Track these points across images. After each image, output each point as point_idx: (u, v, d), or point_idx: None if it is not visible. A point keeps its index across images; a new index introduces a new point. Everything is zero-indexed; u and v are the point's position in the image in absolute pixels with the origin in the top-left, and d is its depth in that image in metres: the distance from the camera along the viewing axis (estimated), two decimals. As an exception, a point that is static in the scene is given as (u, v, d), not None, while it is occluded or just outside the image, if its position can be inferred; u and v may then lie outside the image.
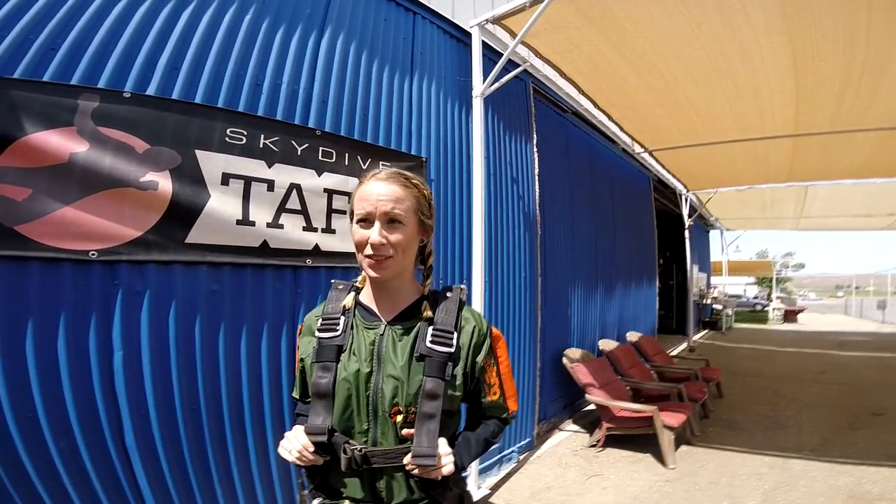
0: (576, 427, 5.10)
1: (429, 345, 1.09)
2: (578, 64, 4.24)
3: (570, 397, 5.37)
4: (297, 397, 1.28)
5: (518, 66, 3.85)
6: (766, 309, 21.35)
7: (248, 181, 2.31)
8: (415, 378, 1.07)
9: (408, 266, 1.16)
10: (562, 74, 4.47)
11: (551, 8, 3.11)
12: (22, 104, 1.71)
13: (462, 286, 1.22)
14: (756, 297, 27.32)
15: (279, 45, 2.59)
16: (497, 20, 3.60)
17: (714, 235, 17.39)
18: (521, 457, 4.17)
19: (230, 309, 2.27)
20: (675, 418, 4.10)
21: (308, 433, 1.07)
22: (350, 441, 1.07)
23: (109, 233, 1.88)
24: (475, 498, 3.32)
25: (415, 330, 1.12)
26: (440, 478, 1.05)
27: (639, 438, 4.33)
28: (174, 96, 2.13)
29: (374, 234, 1.06)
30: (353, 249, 1.12)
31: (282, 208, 2.45)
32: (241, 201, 2.28)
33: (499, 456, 3.89)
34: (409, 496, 1.09)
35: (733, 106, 4.86)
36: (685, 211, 10.00)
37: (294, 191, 2.50)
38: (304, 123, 2.64)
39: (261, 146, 2.38)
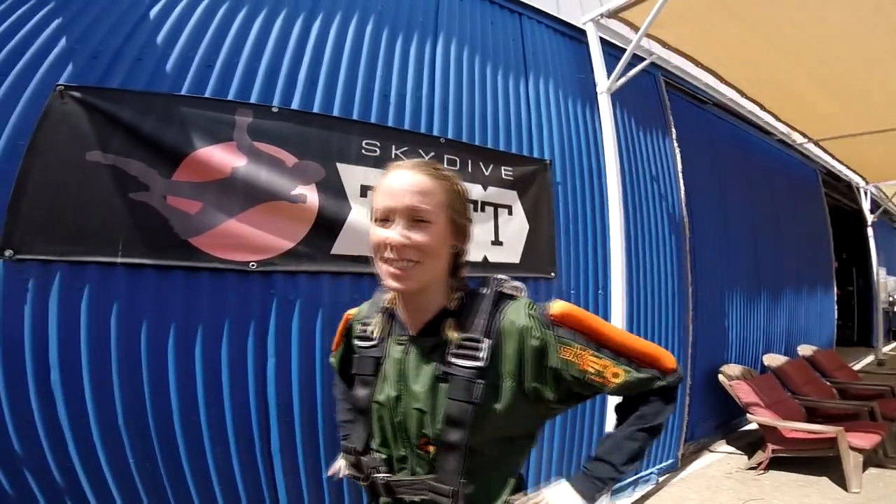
0: (730, 448, 4.54)
1: (450, 360, 0.89)
2: (715, 52, 3.91)
3: (724, 416, 4.78)
4: (332, 363, 1.29)
5: (643, 59, 3.61)
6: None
7: (383, 192, 2.38)
8: (439, 402, 0.90)
9: (437, 276, 0.94)
10: (698, 64, 4.12)
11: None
12: (190, 120, 1.92)
13: (500, 277, 0.98)
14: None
15: (400, 55, 2.68)
16: (612, 14, 3.44)
17: (906, 233, 14.68)
18: (662, 479, 3.74)
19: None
20: (866, 439, 3.55)
21: (344, 452, 1.05)
22: (378, 468, 0.97)
23: (266, 244, 2.03)
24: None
25: (440, 346, 0.92)
26: None
27: (810, 461, 3.78)
28: (315, 110, 2.28)
29: (395, 232, 0.87)
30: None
31: (414, 219, 2.48)
32: (377, 213, 2.35)
33: (635, 476, 3.51)
34: None
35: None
36: (866, 206, 8.55)
37: (424, 200, 2.52)
38: (428, 132, 2.68)
39: (392, 157, 2.44)
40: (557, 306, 0.93)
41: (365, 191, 2.32)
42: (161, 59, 1.96)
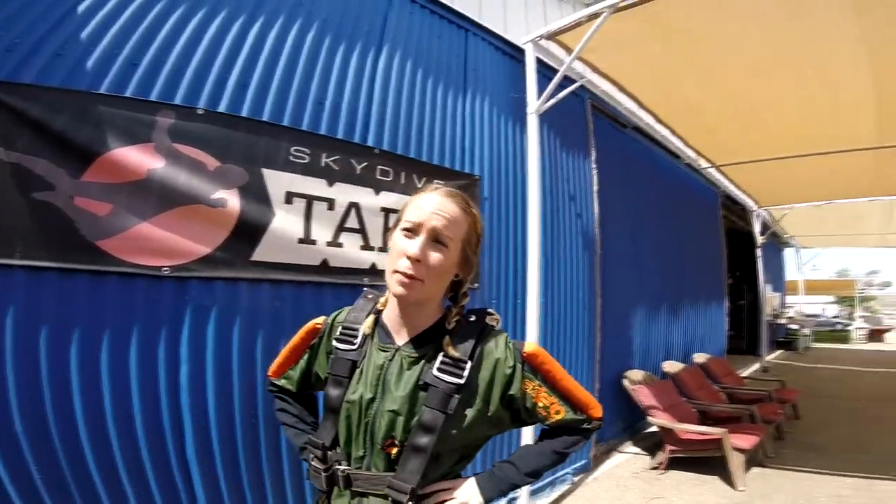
0: (636, 449, 4.91)
1: (435, 373, 0.99)
2: (638, 78, 4.15)
3: (630, 419, 5.16)
4: (282, 385, 1.26)
5: (574, 81, 3.80)
6: (847, 328, 20.03)
7: (310, 200, 2.36)
8: (415, 409, 0.99)
9: (436, 296, 1.06)
10: (621, 89, 4.38)
11: (608, 23, 3.06)
12: (106, 120, 1.81)
13: (491, 311, 1.11)
14: (836, 317, 25.45)
15: (340, 63, 2.66)
16: (551, 36, 3.56)
17: (789, 254, 16.45)
18: (577, 479, 4.00)
19: (290, 326, 2.28)
20: (746, 440, 3.94)
21: (310, 444, 1.09)
22: (341, 462, 1.04)
23: (181, 249, 1.95)
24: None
25: (425, 357, 1.03)
26: None
27: (705, 461, 4.14)
28: (243, 114, 2.21)
29: (415, 247, 0.97)
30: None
31: (341, 227, 2.48)
32: (303, 220, 2.33)
33: (552, 478, 3.74)
34: None
35: (809, 118, 4.59)
36: (756, 228, 9.49)
37: (353, 209, 2.53)
38: (363, 142, 2.68)
39: (322, 165, 2.43)
40: (530, 346, 1.09)
41: (291, 197, 2.29)
42: (83, 56, 1.83)
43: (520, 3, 4.14)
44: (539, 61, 3.69)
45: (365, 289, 1.20)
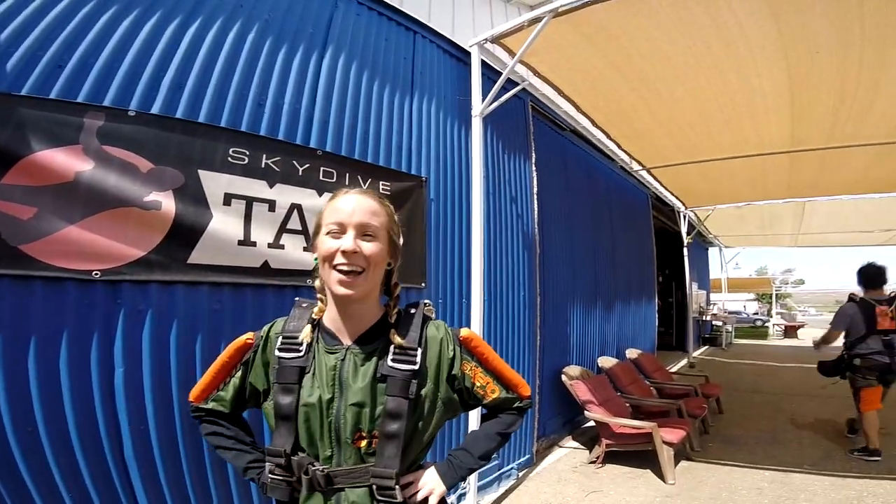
0: (575, 444, 5.07)
1: (390, 364, 1.05)
2: (576, 82, 4.29)
3: (570, 414, 5.35)
4: (208, 407, 1.20)
5: (517, 84, 3.91)
6: (766, 325, 21.40)
7: (249, 201, 2.33)
8: (378, 400, 1.04)
9: (375, 287, 1.11)
10: (560, 93, 4.52)
11: (549, 27, 3.17)
12: (29, 122, 1.73)
13: (427, 302, 1.19)
14: (756, 314, 27.32)
15: (282, 64, 2.63)
16: (496, 39, 3.63)
17: (713, 253, 17.41)
18: (521, 473, 4.14)
19: (231, 328, 2.27)
20: (674, 434, 4.10)
21: (269, 454, 1.08)
22: (314, 462, 1.05)
23: (113, 253, 1.89)
24: (475, 517, 3.29)
25: (377, 352, 1.08)
26: None
27: (639, 455, 4.31)
28: (178, 115, 2.16)
29: (348, 240, 1.02)
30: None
31: (283, 229, 2.46)
32: (242, 222, 2.30)
33: (498, 473, 3.86)
34: None
35: (730, 123, 4.92)
36: (684, 228, 10.03)
37: (295, 211, 2.52)
38: (305, 143, 2.66)
39: (262, 166, 2.40)
40: (465, 331, 1.18)
41: (229, 199, 2.26)
42: (1, 57, 1.73)
43: (467, 5, 4.21)
44: (484, 64, 3.76)
45: (297, 298, 1.21)
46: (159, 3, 2.19)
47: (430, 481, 1.11)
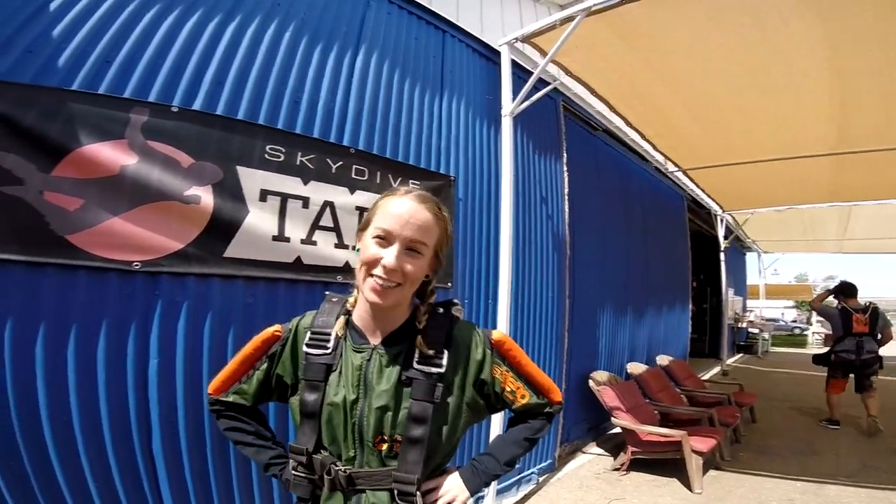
0: (599, 450, 4.99)
1: (416, 366, 1.03)
2: (610, 82, 4.23)
3: (595, 420, 5.26)
4: (229, 400, 1.18)
5: (547, 84, 3.87)
6: (804, 333, 20.64)
7: (284, 198, 2.37)
8: (402, 404, 1.02)
9: (408, 297, 1.08)
10: (593, 92, 4.45)
11: (582, 26, 3.13)
12: (79, 116, 1.80)
13: (456, 301, 1.15)
14: (794, 321, 26.38)
15: (317, 63, 2.67)
16: (526, 39, 3.59)
17: (751, 258, 16.91)
18: (542, 478, 4.08)
19: (263, 322, 2.29)
20: (704, 443, 4.01)
21: (292, 452, 1.07)
22: (336, 462, 1.04)
23: (153, 245, 1.96)
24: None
25: (403, 354, 1.06)
26: None
27: (665, 463, 4.22)
28: (218, 112, 2.22)
29: (391, 256, 0.98)
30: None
31: (315, 225, 2.50)
32: (277, 217, 2.34)
33: (517, 477, 3.82)
34: None
35: (772, 123, 4.75)
36: (721, 232, 9.73)
37: (328, 208, 2.55)
38: (338, 141, 2.70)
39: (297, 163, 2.44)
40: (497, 334, 1.15)
41: (265, 195, 2.30)
42: (54, 53, 1.81)
43: (496, 4, 4.19)
44: (514, 63, 3.74)
45: (327, 293, 1.19)
46: (200, 2, 2.25)
47: (453, 487, 1.09)
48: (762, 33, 3.27)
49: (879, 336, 5.86)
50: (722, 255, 10.16)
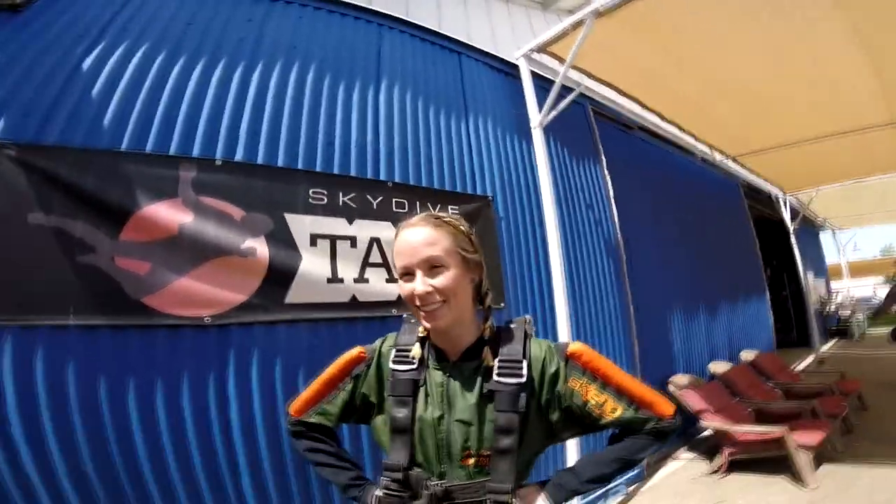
0: (691, 455, 4.67)
1: (496, 379, 1.03)
2: (635, 79, 4.18)
3: (682, 425, 4.94)
4: (312, 421, 1.18)
5: (572, 90, 3.86)
6: (902, 309, 18.83)
7: (333, 240, 2.47)
8: (486, 418, 1.02)
9: (464, 310, 1.07)
10: (620, 92, 4.42)
11: (596, 28, 3.13)
12: (133, 177, 1.95)
13: (527, 317, 1.14)
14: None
15: (343, 101, 2.79)
16: (541, 48, 3.61)
17: (826, 237, 15.81)
18: (630, 489, 3.85)
19: (328, 360, 2.36)
20: (810, 437, 3.71)
21: (386, 469, 1.06)
22: (430, 478, 1.04)
23: (220, 299, 2.08)
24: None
25: (480, 369, 1.06)
26: None
27: (768, 461, 3.91)
28: (259, 161, 2.35)
29: (418, 284, 1.01)
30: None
31: (365, 263, 2.57)
32: (328, 260, 2.44)
33: (603, 490, 3.62)
34: None
35: (815, 104, 4.58)
36: (786, 215, 9.18)
37: (374, 244, 2.62)
38: (375, 177, 2.79)
39: (341, 204, 2.54)
40: (574, 345, 1.10)
41: (315, 239, 2.41)
42: (98, 114, 1.98)
43: (504, 17, 4.26)
44: (534, 74, 3.75)
45: (405, 315, 1.19)
46: (222, 51, 2.42)
47: (535, 500, 1.06)
48: (779, 24, 3.23)
49: None
50: (792, 238, 9.56)
